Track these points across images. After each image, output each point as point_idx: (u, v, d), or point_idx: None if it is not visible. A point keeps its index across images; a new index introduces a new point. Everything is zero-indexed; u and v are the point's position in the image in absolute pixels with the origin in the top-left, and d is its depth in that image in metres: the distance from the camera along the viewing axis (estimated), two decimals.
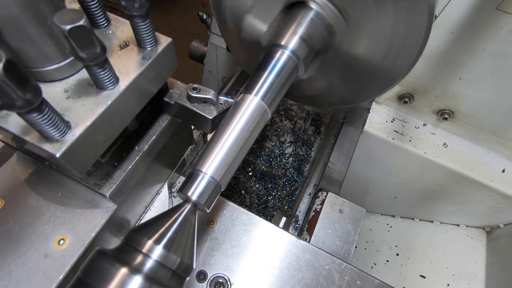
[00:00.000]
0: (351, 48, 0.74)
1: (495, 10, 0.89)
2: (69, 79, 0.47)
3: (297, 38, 0.68)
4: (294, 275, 0.73)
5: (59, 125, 0.41)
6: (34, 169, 0.60)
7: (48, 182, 0.60)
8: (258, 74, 0.64)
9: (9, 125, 0.43)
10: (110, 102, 0.45)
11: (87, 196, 0.59)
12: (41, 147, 0.41)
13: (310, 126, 1.52)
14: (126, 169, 0.58)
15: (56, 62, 0.46)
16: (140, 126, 0.63)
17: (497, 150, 1.31)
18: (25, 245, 0.54)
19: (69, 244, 0.55)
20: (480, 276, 1.52)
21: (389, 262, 1.66)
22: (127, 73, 0.48)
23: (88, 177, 0.57)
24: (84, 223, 0.57)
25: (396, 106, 1.37)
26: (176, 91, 0.63)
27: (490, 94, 1.12)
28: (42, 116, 0.38)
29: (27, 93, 0.34)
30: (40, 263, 0.53)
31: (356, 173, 1.54)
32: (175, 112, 0.64)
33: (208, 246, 0.75)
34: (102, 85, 0.46)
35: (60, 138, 0.42)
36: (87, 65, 0.43)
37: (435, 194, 1.51)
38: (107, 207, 0.58)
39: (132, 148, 0.61)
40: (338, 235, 0.90)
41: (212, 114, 0.60)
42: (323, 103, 0.99)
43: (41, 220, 0.56)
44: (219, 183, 0.54)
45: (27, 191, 0.59)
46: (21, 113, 0.37)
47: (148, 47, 0.51)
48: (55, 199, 0.58)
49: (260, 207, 1.28)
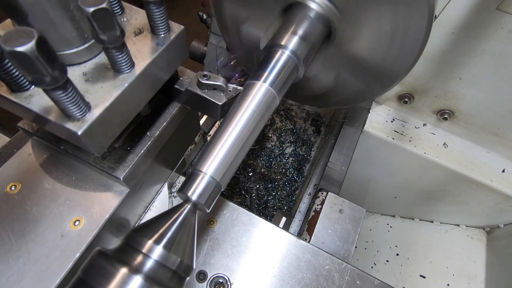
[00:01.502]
0: (351, 47, 0.75)
1: (495, 10, 0.89)
2: (87, 63, 0.49)
3: (297, 38, 0.68)
4: (294, 275, 0.73)
5: (81, 104, 0.43)
6: (49, 154, 0.63)
7: (63, 167, 0.62)
8: (263, 67, 0.64)
9: (32, 105, 0.45)
10: (127, 85, 0.48)
11: (101, 180, 0.61)
12: (64, 125, 0.43)
13: (310, 126, 1.52)
14: (138, 153, 0.61)
15: (75, 46, 0.47)
16: (151, 113, 0.66)
17: (497, 150, 1.31)
18: (42, 226, 0.56)
19: (84, 225, 0.57)
20: (480, 276, 1.52)
21: (389, 262, 1.66)
22: (142, 58, 0.50)
23: (102, 160, 0.59)
24: (98, 205, 0.59)
25: (396, 106, 1.37)
26: (186, 78, 0.65)
27: (490, 94, 1.12)
28: (66, 94, 0.40)
29: (55, 70, 0.35)
30: (57, 242, 0.55)
31: (356, 173, 1.54)
32: (185, 99, 0.66)
33: (208, 246, 0.75)
34: (119, 68, 0.48)
35: (81, 117, 0.44)
36: (106, 48, 0.44)
37: (435, 194, 1.51)
38: (120, 190, 0.61)
39: (143, 134, 0.63)
40: (338, 235, 0.90)
41: (221, 100, 0.62)
42: (327, 102, 0.99)
43: (57, 202, 0.59)
44: (219, 183, 0.54)
45: (43, 175, 0.61)
46: (47, 90, 0.39)
47: (162, 33, 0.53)
48: (70, 182, 0.61)
49: (260, 207, 1.28)
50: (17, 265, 0.52)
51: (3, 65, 0.42)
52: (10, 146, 0.81)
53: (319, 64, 0.81)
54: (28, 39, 0.31)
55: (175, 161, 0.85)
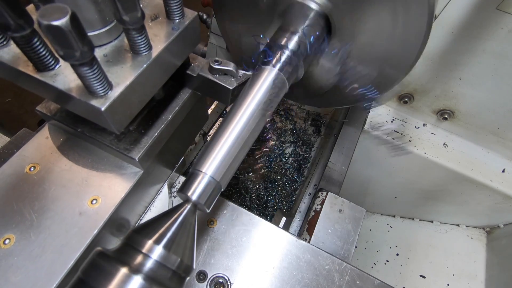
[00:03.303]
0: (353, 40, 0.74)
1: (495, 10, 0.89)
2: (107, 46, 0.52)
3: (296, 38, 0.69)
4: (294, 275, 0.73)
5: (104, 82, 0.45)
6: (66, 138, 0.67)
7: (79, 149, 0.65)
8: (268, 59, 0.65)
9: (58, 83, 0.47)
10: (145, 66, 0.50)
11: (116, 162, 0.65)
12: (88, 102, 0.46)
13: (310, 126, 1.52)
14: (152, 135, 0.64)
15: (97, 28, 0.50)
16: (164, 98, 0.68)
17: (497, 150, 1.31)
18: (60, 204, 0.59)
19: (101, 204, 0.60)
20: (480, 276, 1.52)
21: (389, 262, 1.66)
22: (158, 42, 0.53)
23: (118, 142, 0.62)
24: (114, 185, 0.62)
25: (396, 106, 1.37)
26: (197, 65, 0.67)
27: (490, 94, 1.12)
28: (92, 71, 0.42)
29: (85, 45, 0.38)
30: (75, 219, 0.58)
31: (356, 173, 1.54)
32: (196, 85, 0.68)
33: (208, 246, 0.75)
34: (138, 50, 0.50)
35: (104, 94, 0.46)
36: (127, 29, 0.47)
37: (435, 194, 1.51)
38: (135, 171, 0.64)
39: (157, 118, 0.66)
40: (338, 235, 0.90)
41: (232, 85, 0.64)
42: (330, 99, 0.99)
43: (74, 182, 0.61)
44: (219, 183, 0.54)
45: (60, 157, 0.64)
46: (75, 65, 0.41)
47: (177, 19, 0.55)
48: (86, 164, 0.64)
49: (260, 207, 1.28)
50: (38, 240, 0.55)
51: (32, 44, 0.43)
52: (10, 146, 0.81)
53: (325, 58, 0.81)
54: (62, 14, 0.34)
55: (176, 160, 0.85)
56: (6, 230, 0.55)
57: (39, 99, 0.61)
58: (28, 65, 0.48)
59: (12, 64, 0.48)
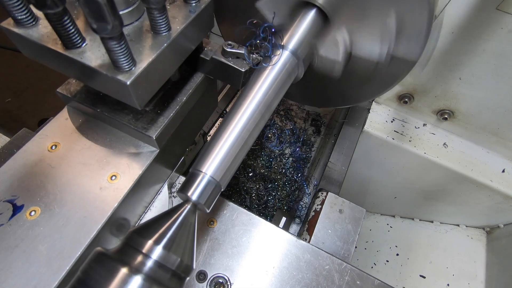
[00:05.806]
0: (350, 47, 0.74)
1: (495, 10, 0.89)
2: (129, 27, 0.55)
3: (296, 37, 0.69)
4: (294, 275, 0.73)
5: (129, 57, 0.48)
6: (84, 119, 0.70)
7: (98, 129, 0.69)
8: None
9: (85, 60, 0.50)
10: (166, 45, 0.53)
11: (133, 142, 0.69)
12: (114, 76, 0.48)
13: (310, 126, 1.52)
14: (168, 116, 0.67)
15: (121, 9, 0.53)
16: (178, 81, 0.72)
17: (497, 150, 1.31)
18: (82, 180, 0.63)
19: (120, 180, 0.64)
20: (480, 276, 1.52)
21: (389, 262, 1.66)
22: (177, 23, 0.56)
23: (136, 121, 0.66)
24: (132, 163, 0.66)
25: (396, 106, 1.37)
26: (210, 49, 0.70)
27: (490, 94, 1.12)
28: (120, 45, 0.45)
29: (116, 20, 0.40)
30: (97, 193, 0.62)
31: (356, 173, 1.54)
32: (209, 68, 0.71)
33: (208, 246, 0.75)
34: (158, 30, 0.53)
35: (129, 70, 0.49)
36: (150, 9, 0.50)
37: (435, 194, 1.51)
38: (151, 151, 0.68)
39: (172, 99, 0.69)
40: (338, 235, 0.90)
41: (244, 67, 0.67)
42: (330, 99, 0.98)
43: (94, 160, 0.65)
44: (219, 183, 0.54)
45: (80, 137, 0.68)
46: (105, 38, 0.44)
47: (193, 2, 0.59)
48: (105, 143, 0.68)
49: (260, 207, 1.28)
50: (63, 212, 0.59)
51: (63, 21, 0.46)
52: (10, 146, 0.81)
53: (323, 44, 0.80)
54: None
55: (177, 159, 0.85)
56: (31, 203, 0.59)
57: (39, 99, 0.62)
58: (57, 43, 0.50)
59: (42, 42, 0.50)
